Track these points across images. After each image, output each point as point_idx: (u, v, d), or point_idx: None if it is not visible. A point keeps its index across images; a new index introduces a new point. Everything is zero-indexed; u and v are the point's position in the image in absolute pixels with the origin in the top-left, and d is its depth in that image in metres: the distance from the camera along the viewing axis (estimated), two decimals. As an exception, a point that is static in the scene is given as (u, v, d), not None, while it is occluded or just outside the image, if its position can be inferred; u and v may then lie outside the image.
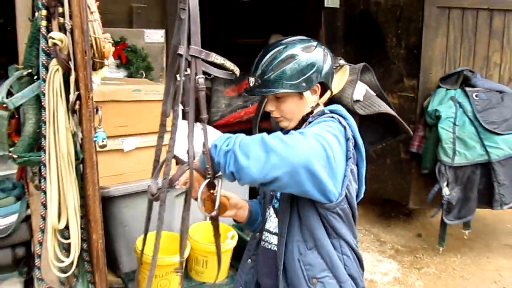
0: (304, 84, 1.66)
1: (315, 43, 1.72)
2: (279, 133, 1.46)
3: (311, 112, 1.75)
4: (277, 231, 1.76)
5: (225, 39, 5.32)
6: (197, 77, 1.48)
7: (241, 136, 1.47)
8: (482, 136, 3.91)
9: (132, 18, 3.58)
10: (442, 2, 4.09)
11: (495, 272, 4.03)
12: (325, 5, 4.73)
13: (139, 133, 2.85)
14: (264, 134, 1.44)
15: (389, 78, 4.49)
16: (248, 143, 1.41)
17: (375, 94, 3.32)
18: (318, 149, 1.43)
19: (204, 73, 1.68)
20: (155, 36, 3.40)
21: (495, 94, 4.03)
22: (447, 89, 4.11)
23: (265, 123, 3.84)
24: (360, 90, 2.50)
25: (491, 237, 4.63)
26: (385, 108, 3.11)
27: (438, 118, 4.00)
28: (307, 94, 1.69)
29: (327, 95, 1.79)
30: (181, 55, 1.56)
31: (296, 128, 1.77)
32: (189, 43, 1.49)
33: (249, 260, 1.94)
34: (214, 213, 1.60)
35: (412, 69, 4.35)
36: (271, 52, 1.68)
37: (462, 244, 4.43)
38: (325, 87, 1.75)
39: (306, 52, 1.67)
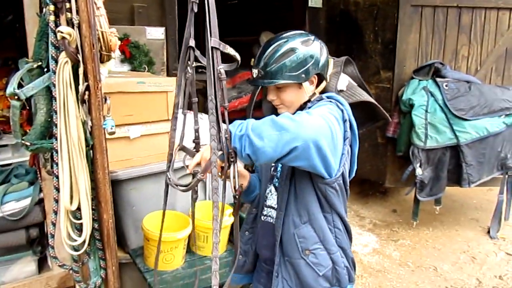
0: (303, 75, 1.62)
1: (312, 37, 1.67)
2: (287, 113, 1.43)
3: (309, 101, 1.70)
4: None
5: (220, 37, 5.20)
6: (219, 67, 1.41)
7: (252, 120, 1.42)
8: (452, 121, 3.89)
9: (133, 16, 3.45)
10: (416, 0, 4.04)
11: (463, 243, 4.03)
12: (309, 5, 4.63)
13: (143, 121, 2.75)
14: (273, 116, 1.39)
15: (367, 71, 4.43)
16: (260, 126, 1.37)
17: (356, 85, 3.26)
18: (324, 127, 1.42)
19: (200, 67, 1.62)
20: (156, 33, 3.29)
21: (463, 84, 4.00)
22: (420, 80, 4.08)
23: (257, 112, 3.78)
24: (343, 81, 2.47)
25: (459, 212, 4.63)
26: (366, 97, 3.05)
27: (411, 106, 3.97)
28: (305, 84, 1.65)
29: (323, 85, 1.74)
30: (192, 48, 1.50)
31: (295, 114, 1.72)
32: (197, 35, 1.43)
33: (247, 232, 1.91)
34: (238, 190, 1.57)
35: (388, 62, 4.30)
36: (273, 46, 1.63)
37: (433, 218, 4.42)
38: (321, 77, 1.70)
39: (305, 46, 1.62)
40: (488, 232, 4.18)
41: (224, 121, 1.43)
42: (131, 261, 2.67)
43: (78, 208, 1.93)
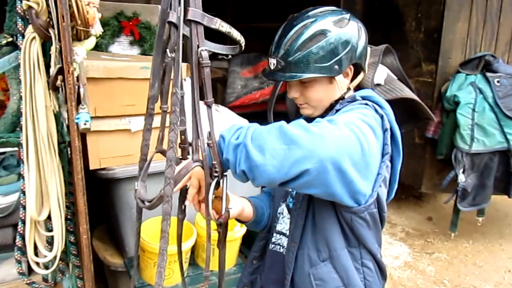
0: (336, 66, 1.17)
1: (347, 15, 1.21)
2: (301, 120, 1.02)
3: (341, 98, 1.24)
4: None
5: (245, 23, 4.74)
6: (199, 49, 0.99)
7: (255, 125, 1.03)
8: (503, 123, 3.31)
9: (149, -5, 3.04)
10: (467, -16, 3.43)
11: (508, 261, 3.45)
12: (344, -12, 4.10)
13: (147, 113, 2.34)
14: (283, 122, 1.00)
15: (407, 63, 3.85)
16: (263, 134, 0.98)
17: (396, 78, 2.73)
18: (352, 141, 1.00)
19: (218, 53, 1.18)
20: (170, 16, 2.85)
21: (518, 80, 3.39)
22: (467, 75, 3.48)
23: (280, 106, 3.31)
24: (381, 74, 2.05)
25: (503, 223, 4.03)
26: (407, 92, 2.53)
27: (456, 103, 3.40)
28: (339, 78, 1.20)
29: (360, 77, 1.28)
30: (173, 24, 1.01)
31: (322, 116, 1.25)
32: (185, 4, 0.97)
33: (255, 261, 1.48)
34: (222, 218, 1.14)
35: (431, 53, 3.71)
36: (297, 27, 1.17)
37: (474, 229, 3.84)
38: (358, 68, 1.25)
39: (338, 27, 1.17)
40: (538, 248, 3.59)
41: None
42: (126, 271, 2.29)
43: (49, 218, 1.54)
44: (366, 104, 1.17)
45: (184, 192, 1.16)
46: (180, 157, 1.21)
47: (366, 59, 1.27)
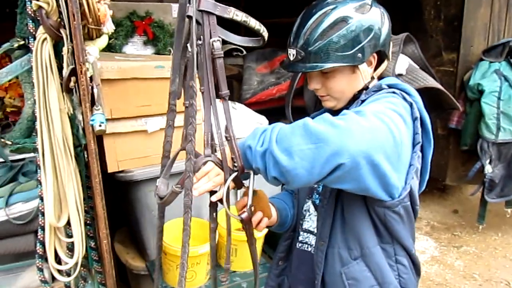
0: (359, 55, 1.10)
1: (369, 1, 1.13)
2: (326, 114, 0.95)
3: (365, 88, 1.17)
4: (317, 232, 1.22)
5: (259, 19, 4.67)
6: (211, 40, 0.96)
7: (278, 126, 0.98)
8: (530, 110, 3.16)
9: (162, -6, 2.98)
10: (488, -33, 3.29)
11: (540, 253, 3.31)
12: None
13: (163, 112, 2.25)
14: (307, 119, 0.94)
15: (427, 52, 3.71)
16: (288, 135, 0.93)
17: (419, 67, 2.62)
18: (383, 132, 0.94)
19: (235, 49, 1.11)
20: (188, 10, 2.78)
21: (544, 66, 3.23)
22: (491, 62, 3.34)
23: (298, 100, 3.22)
24: (403, 63, 2.01)
25: (532, 214, 3.87)
26: (431, 82, 2.41)
27: (480, 92, 3.26)
28: (362, 67, 1.13)
29: (384, 65, 1.21)
30: (191, 17, 0.97)
31: (346, 107, 1.19)
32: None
33: (280, 261, 1.40)
34: (245, 214, 1.07)
35: (452, 42, 3.57)
36: (316, 15, 1.10)
37: (502, 221, 3.69)
38: (382, 56, 1.17)
39: (360, 13, 1.10)
40: None
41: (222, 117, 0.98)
42: (148, 274, 2.24)
43: (69, 223, 1.49)
44: (394, 92, 1.10)
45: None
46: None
47: (390, 46, 1.20)
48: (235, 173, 1.00)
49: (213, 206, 1.12)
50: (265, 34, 1.08)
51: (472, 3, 3.36)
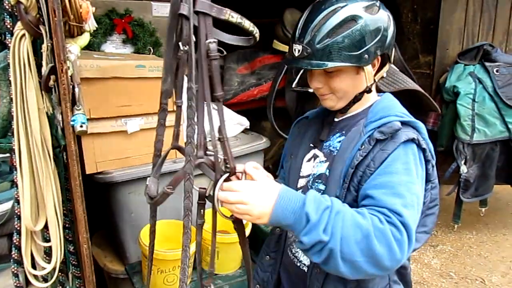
0: (366, 56, 1.09)
1: (378, 2, 1.13)
2: (389, 232, 0.95)
3: (367, 91, 1.17)
4: None
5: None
6: (207, 41, 0.94)
7: (340, 214, 0.97)
8: (503, 112, 3.25)
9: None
10: (463, -27, 3.36)
11: (513, 250, 3.40)
12: (339, -19, 4.01)
13: (144, 113, 2.22)
14: (372, 229, 0.95)
15: (404, 55, 3.74)
16: (351, 243, 0.95)
17: (398, 70, 2.67)
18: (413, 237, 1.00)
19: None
20: (163, 10, 2.72)
21: (517, 69, 3.33)
22: (466, 65, 3.42)
23: (279, 101, 3.22)
24: None
25: (505, 213, 3.97)
26: (412, 84, 2.47)
27: (456, 94, 3.33)
28: (368, 68, 1.11)
29: (386, 69, 1.19)
30: (185, 16, 0.95)
31: (345, 108, 1.19)
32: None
33: (268, 257, 1.40)
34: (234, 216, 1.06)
35: (428, 45, 3.64)
36: (325, 12, 1.09)
37: (476, 220, 3.79)
38: (385, 59, 1.16)
39: (369, 14, 1.09)
40: (541, 237, 3.54)
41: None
42: (128, 277, 2.19)
43: (46, 227, 1.43)
44: (412, 140, 1.06)
45: (202, 198, 1.08)
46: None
47: (393, 49, 1.19)
48: (227, 174, 0.99)
49: (202, 204, 1.09)
50: (257, 35, 1.06)
51: (448, 7, 3.43)
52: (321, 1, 1.13)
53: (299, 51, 1.11)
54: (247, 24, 1.00)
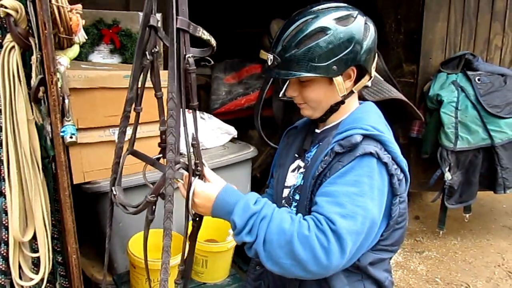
0: (334, 67, 1.10)
1: (355, 13, 1.14)
2: (312, 236, 1.01)
3: (342, 102, 1.19)
4: None
5: (224, 29, 4.68)
6: (187, 56, 1.03)
7: (266, 219, 1.05)
8: (485, 120, 3.32)
9: (128, 2, 2.96)
10: (444, -15, 3.46)
11: (497, 255, 3.47)
12: (324, -9, 4.08)
13: (131, 123, 2.25)
14: (296, 235, 1.01)
15: (388, 64, 3.80)
16: (274, 246, 1.02)
17: (383, 79, 2.72)
18: (359, 238, 1.05)
19: (202, 59, 1.21)
20: (151, 20, 2.76)
21: (497, 78, 3.41)
22: (448, 74, 3.49)
23: (267, 111, 3.26)
24: None
25: (488, 218, 4.06)
26: (396, 93, 2.53)
27: (439, 102, 3.40)
28: (338, 80, 1.12)
29: (365, 80, 1.20)
30: (153, 28, 1.14)
31: (322, 118, 1.22)
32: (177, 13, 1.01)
33: (257, 266, 1.41)
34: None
35: (412, 54, 3.71)
36: (297, 23, 1.12)
37: (461, 226, 3.86)
38: (362, 70, 1.17)
39: (341, 25, 1.10)
40: (524, 242, 3.63)
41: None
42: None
43: (35, 238, 1.44)
44: (370, 153, 1.07)
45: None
46: (161, 156, 1.22)
47: (374, 60, 1.20)
48: (197, 177, 1.12)
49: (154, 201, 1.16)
50: (214, 48, 1.12)
51: (431, 18, 3.52)
52: (298, 13, 1.16)
53: (271, 60, 1.15)
54: (213, 41, 1.10)
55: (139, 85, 1.21)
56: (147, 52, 1.10)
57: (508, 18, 3.57)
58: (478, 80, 3.39)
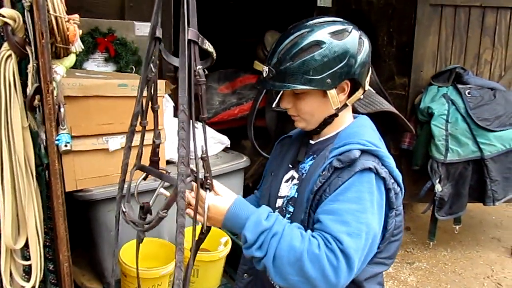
0: (328, 80, 1.12)
1: (350, 27, 1.16)
2: (324, 258, 1.03)
3: (336, 115, 1.21)
4: None
5: (218, 39, 4.73)
6: (197, 68, 1.02)
7: (277, 236, 1.07)
8: (475, 132, 3.37)
9: (124, 11, 2.97)
10: (435, 0, 3.54)
11: (486, 267, 3.50)
12: (318, 4, 4.15)
13: (125, 131, 2.23)
14: (306, 253, 1.03)
15: (380, 76, 3.87)
16: (284, 263, 1.04)
17: (375, 92, 2.77)
18: (359, 265, 1.08)
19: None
20: (146, 29, 2.78)
21: (487, 91, 3.48)
22: (439, 87, 3.56)
23: (260, 121, 3.29)
24: None
25: (478, 230, 4.10)
26: (387, 106, 2.57)
27: (430, 115, 3.45)
28: (332, 92, 1.15)
29: (358, 94, 1.22)
30: (159, 39, 1.09)
31: (316, 130, 1.24)
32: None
33: (245, 274, 1.42)
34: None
35: (403, 67, 3.78)
36: (292, 37, 1.15)
37: (451, 237, 3.89)
38: (356, 84, 1.19)
39: (336, 39, 1.13)
40: (512, 254, 3.67)
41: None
42: (108, 297, 2.19)
43: (27, 245, 1.44)
44: (369, 168, 1.10)
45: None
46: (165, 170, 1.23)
47: (368, 74, 1.22)
48: (208, 190, 1.10)
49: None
50: (214, 59, 1.14)
51: (422, 32, 3.59)
52: (294, 26, 1.19)
53: (266, 72, 1.17)
54: (214, 54, 1.10)
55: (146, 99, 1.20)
56: (151, 65, 1.08)
57: (498, 33, 3.65)
58: (468, 93, 3.45)
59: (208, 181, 1.10)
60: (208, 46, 1.07)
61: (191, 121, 1.01)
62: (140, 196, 1.31)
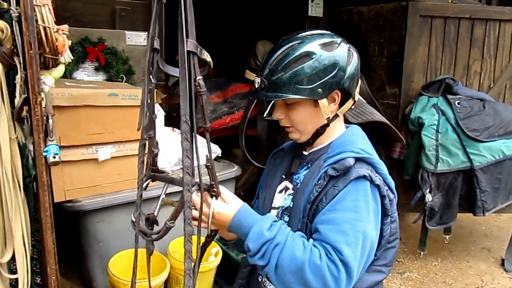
0: (320, 90, 1.15)
1: (338, 40, 1.20)
2: (326, 268, 1.05)
3: (327, 125, 1.23)
4: None
5: (210, 47, 4.74)
6: (198, 78, 1.02)
7: (279, 246, 1.08)
8: (465, 143, 3.40)
9: (114, 20, 2.97)
10: (425, 11, 3.57)
11: (477, 277, 3.51)
12: (309, 14, 4.18)
13: (115, 141, 2.25)
14: (307, 263, 1.05)
15: (371, 86, 3.91)
16: (286, 272, 1.07)
17: (365, 101, 2.78)
18: (358, 273, 1.11)
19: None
20: (137, 38, 2.79)
21: (476, 102, 3.52)
22: (429, 97, 3.58)
23: (251, 130, 3.29)
24: None
25: (468, 240, 4.12)
26: (378, 116, 2.58)
27: (421, 125, 3.48)
28: (323, 102, 1.17)
29: (349, 104, 1.25)
30: (156, 50, 1.10)
31: (309, 141, 1.26)
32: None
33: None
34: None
35: (394, 77, 3.81)
36: (283, 48, 1.18)
37: (441, 247, 3.91)
38: (346, 94, 1.22)
39: (326, 51, 1.16)
40: (502, 264, 3.68)
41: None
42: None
43: (13, 258, 1.42)
44: (364, 176, 1.12)
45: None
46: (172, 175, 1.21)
47: (357, 85, 1.25)
48: (214, 198, 1.11)
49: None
50: (211, 67, 1.14)
51: (412, 42, 3.63)
52: (285, 38, 1.21)
53: (258, 83, 1.20)
54: (211, 63, 1.10)
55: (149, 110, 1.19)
56: (151, 76, 1.09)
57: (487, 45, 3.69)
58: (458, 104, 3.48)
59: (214, 188, 1.11)
60: (206, 56, 1.08)
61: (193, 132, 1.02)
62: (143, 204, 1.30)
